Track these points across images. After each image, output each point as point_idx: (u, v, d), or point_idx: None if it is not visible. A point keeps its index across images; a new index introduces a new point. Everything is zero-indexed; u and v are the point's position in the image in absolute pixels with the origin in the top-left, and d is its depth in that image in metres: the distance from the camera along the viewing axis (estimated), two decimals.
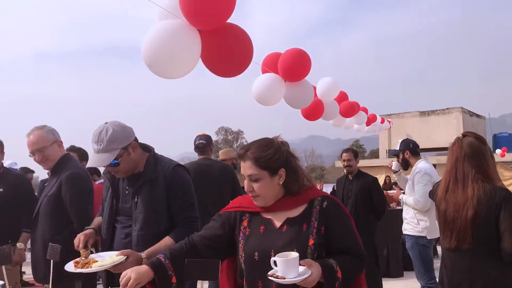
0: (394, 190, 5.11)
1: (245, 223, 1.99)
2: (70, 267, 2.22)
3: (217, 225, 2.02)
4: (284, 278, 1.71)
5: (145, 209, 2.40)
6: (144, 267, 1.84)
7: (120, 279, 1.80)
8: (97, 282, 3.54)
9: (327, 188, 15.76)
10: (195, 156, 4.81)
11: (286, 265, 1.72)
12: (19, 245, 3.58)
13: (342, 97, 6.39)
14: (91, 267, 2.18)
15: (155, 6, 2.89)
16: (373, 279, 5.19)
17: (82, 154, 4.62)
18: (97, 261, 2.22)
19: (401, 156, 4.81)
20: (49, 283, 2.78)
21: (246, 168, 1.91)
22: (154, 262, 1.87)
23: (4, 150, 3.87)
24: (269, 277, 1.74)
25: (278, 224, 1.92)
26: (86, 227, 2.56)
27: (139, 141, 2.53)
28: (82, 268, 2.19)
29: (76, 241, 2.43)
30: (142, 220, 2.40)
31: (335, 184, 6.57)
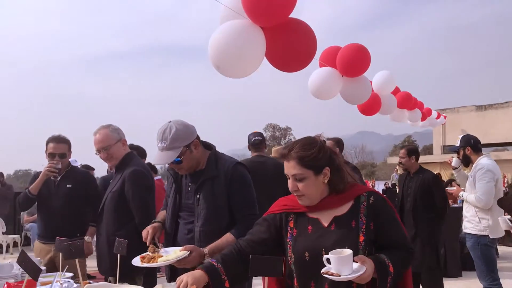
0: (453, 187, 4.94)
1: (291, 224, 2.00)
2: (136, 261, 2.33)
3: (263, 229, 2.05)
4: (339, 275, 1.71)
5: (207, 205, 2.46)
6: (198, 272, 1.89)
7: (176, 285, 1.85)
8: (158, 276, 3.67)
9: (379, 186, 15.48)
10: (244, 153, 4.88)
11: (340, 262, 1.73)
12: (87, 238, 3.76)
13: (394, 91, 6.25)
14: (156, 262, 2.28)
15: (217, 6, 2.96)
16: (434, 279, 5.06)
17: (141, 152, 4.79)
18: (162, 256, 2.31)
19: (461, 153, 4.66)
20: (114, 276, 2.91)
21: (290, 168, 1.92)
22: (207, 266, 1.92)
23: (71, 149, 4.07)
24: (324, 275, 1.75)
25: (326, 223, 1.93)
26: (153, 221, 2.66)
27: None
28: (148, 262, 2.29)
29: (144, 233, 2.53)
30: (204, 216, 2.46)
31: (389, 181, 6.46)
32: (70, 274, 2.99)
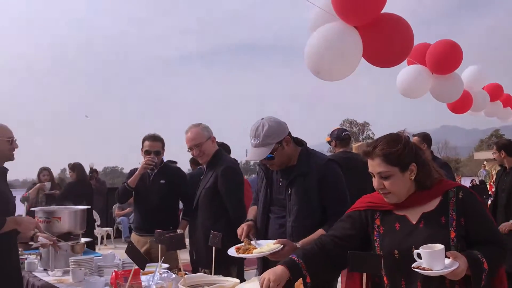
0: None
1: (377, 222, 1.97)
2: (232, 252, 2.41)
3: (347, 225, 2.03)
4: (431, 270, 1.67)
5: (299, 201, 2.49)
6: (280, 268, 1.90)
7: (260, 283, 1.88)
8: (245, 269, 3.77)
9: (465, 182, 14.73)
10: (321, 149, 4.83)
11: (432, 256, 1.69)
12: (179, 231, 3.95)
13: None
14: (251, 253, 2.35)
15: (294, 5, 2.98)
16: None
17: (226, 149, 4.92)
18: (256, 248, 2.37)
19: None
20: (209, 268, 3.04)
21: (375, 165, 1.89)
22: (288, 262, 1.93)
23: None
24: (415, 269, 1.71)
25: (414, 220, 1.88)
26: (247, 219, 2.73)
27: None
28: (243, 253, 2.37)
29: (239, 230, 2.61)
30: (296, 212, 2.49)
31: (475, 177, 6.15)
32: (166, 265, 3.17)
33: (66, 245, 3.37)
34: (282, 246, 2.30)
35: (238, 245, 2.46)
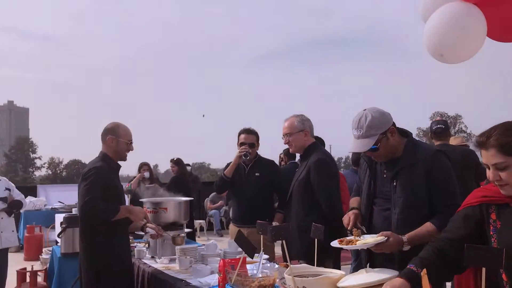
0: None
1: (493, 216, 1.85)
2: (335, 244, 2.41)
3: (462, 225, 1.93)
4: None
5: (404, 193, 2.42)
6: (399, 280, 1.84)
7: None
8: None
9: None
10: None
11: None
12: (274, 223, 4.02)
13: None
14: (355, 245, 2.33)
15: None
16: None
17: (320, 142, 4.92)
18: (359, 240, 2.35)
19: None
20: (305, 259, 3.06)
21: (490, 156, 1.77)
22: (407, 273, 1.86)
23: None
24: None
25: None
26: (351, 207, 2.70)
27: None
28: (346, 245, 2.35)
29: (345, 219, 2.60)
30: (401, 204, 2.43)
31: None
32: (266, 256, 3.24)
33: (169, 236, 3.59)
34: (386, 238, 2.26)
35: (342, 238, 2.44)
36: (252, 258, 2.39)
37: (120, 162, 3.43)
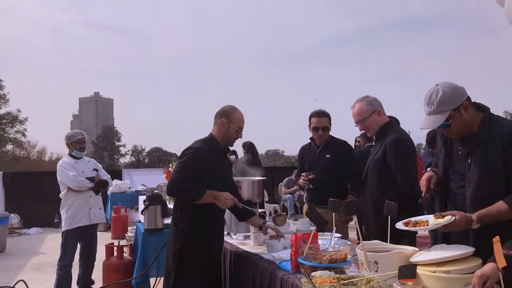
0: None
1: None
2: (400, 225, 2.40)
3: None
4: None
5: (479, 171, 2.33)
6: (489, 265, 1.76)
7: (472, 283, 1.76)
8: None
9: None
10: None
11: None
12: None
13: None
14: (421, 227, 2.30)
15: None
16: None
17: (395, 121, 4.80)
18: (426, 221, 2.32)
19: None
20: (380, 239, 3.05)
21: None
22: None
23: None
24: None
25: None
26: (430, 169, 2.67)
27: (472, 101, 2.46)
28: (413, 227, 2.33)
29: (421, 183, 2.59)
30: (476, 182, 2.34)
31: None
32: (339, 235, 3.26)
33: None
34: (453, 218, 2.21)
35: (407, 220, 2.43)
36: (323, 232, 2.43)
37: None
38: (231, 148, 3.51)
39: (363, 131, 3.78)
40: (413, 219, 2.41)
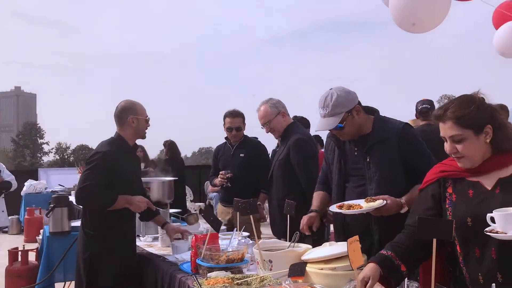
0: None
1: (450, 190, 1.89)
2: (334, 208, 2.43)
3: (426, 205, 1.95)
4: (505, 234, 1.58)
5: (379, 168, 2.46)
6: (369, 266, 1.83)
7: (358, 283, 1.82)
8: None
9: None
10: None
11: (506, 219, 1.60)
12: (259, 204, 4.08)
13: None
14: (355, 209, 2.35)
15: None
16: None
17: (304, 123, 4.95)
18: (359, 205, 2.36)
19: None
20: (285, 237, 3.12)
21: (447, 129, 1.80)
22: (377, 257, 1.86)
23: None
24: (488, 233, 1.63)
25: (489, 186, 1.78)
26: (310, 210, 2.68)
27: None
28: (346, 210, 2.36)
29: (301, 223, 2.59)
30: (378, 179, 2.46)
31: None
32: (247, 234, 3.30)
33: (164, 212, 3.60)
34: (385, 202, 2.30)
35: (340, 203, 2.45)
36: (218, 232, 2.44)
37: None
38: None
39: None
40: (346, 202, 2.46)
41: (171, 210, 4.02)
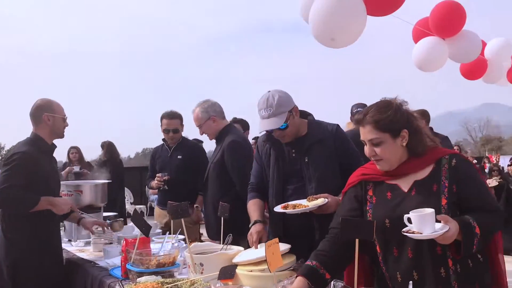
0: None
1: (370, 192, 1.96)
2: (278, 209, 2.44)
3: (348, 207, 2.01)
4: (421, 234, 1.66)
5: (318, 167, 2.52)
6: (297, 279, 1.84)
7: None
8: None
9: (504, 160, 14.23)
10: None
11: (421, 220, 1.67)
12: (195, 206, 4.05)
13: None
14: (298, 209, 2.36)
15: None
16: None
17: (244, 125, 4.98)
18: (303, 205, 2.39)
19: None
20: (219, 239, 3.12)
21: (366, 132, 1.87)
22: (304, 270, 1.88)
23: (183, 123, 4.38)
24: (404, 233, 1.70)
25: (405, 188, 1.87)
26: (254, 221, 2.59)
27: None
28: (291, 209, 2.38)
29: (250, 239, 2.51)
30: (317, 178, 2.51)
31: None
32: (182, 237, 3.27)
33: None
34: (327, 200, 2.35)
35: (285, 204, 2.47)
36: (147, 235, 2.41)
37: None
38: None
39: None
40: (290, 203, 2.47)
41: (105, 214, 3.93)
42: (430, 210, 1.69)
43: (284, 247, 2.24)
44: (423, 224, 1.67)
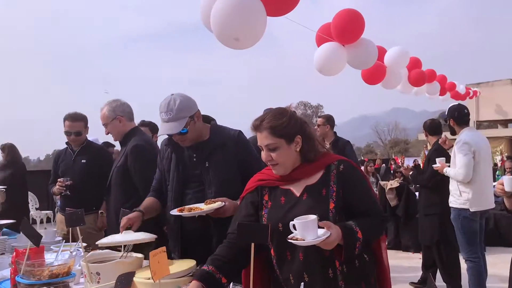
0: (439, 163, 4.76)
1: (266, 197, 2.03)
2: (174, 212, 2.43)
3: (245, 212, 2.06)
4: (304, 240, 1.72)
5: (220, 172, 2.53)
6: (192, 284, 1.86)
7: None
8: None
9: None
10: None
11: (304, 227, 1.74)
12: (100, 212, 3.91)
13: (414, 65, 6.14)
14: (194, 211, 2.36)
15: None
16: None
17: (153, 128, 4.89)
18: (199, 208, 2.39)
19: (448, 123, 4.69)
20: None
21: (263, 138, 1.94)
22: (198, 275, 1.90)
23: (88, 125, 4.20)
24: (289, 240, 1.76)
25: (298, 193, 1.95)
26: (134, 209, 2.63)
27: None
28: (188, 212, 2.37)
29: (122, 221, 2.52)
30: (217, 183, 2.52)
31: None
32: (85, 244, 3.12)
33: None
34: (224, 203, 2.35)
35: (182, 207, 2.46)
36: (37, 245, 2.28)
37: None
38: None
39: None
40: (186, 206, 2.45)
41: (1, 222, 3.65)
42: (312, 217, 1.75)
43: (149, 236, 2.34)
44: (306, 230, 1.73)
